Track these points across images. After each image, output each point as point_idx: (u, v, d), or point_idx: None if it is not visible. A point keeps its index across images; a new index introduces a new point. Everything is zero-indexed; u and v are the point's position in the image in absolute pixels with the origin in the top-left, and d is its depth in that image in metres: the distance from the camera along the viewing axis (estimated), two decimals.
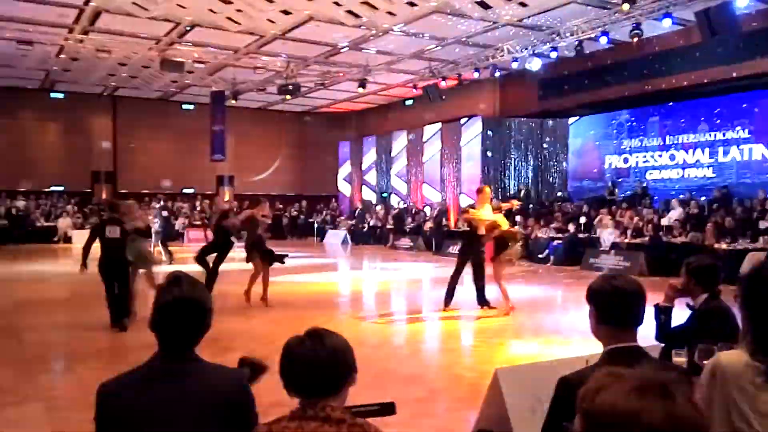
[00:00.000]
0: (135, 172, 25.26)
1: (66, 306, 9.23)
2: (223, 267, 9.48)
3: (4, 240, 20.93)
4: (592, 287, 2.15)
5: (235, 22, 15.12)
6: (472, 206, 9.16)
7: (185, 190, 26.19)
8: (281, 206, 25.65)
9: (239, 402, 1.85)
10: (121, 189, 24.50)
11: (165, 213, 18.90)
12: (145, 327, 1.90)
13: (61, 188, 24.46)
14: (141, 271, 8.40)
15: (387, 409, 1.98)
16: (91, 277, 8.04)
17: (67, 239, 21.86)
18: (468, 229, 8.74)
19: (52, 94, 24.04)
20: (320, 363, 1.72)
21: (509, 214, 10.18)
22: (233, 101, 22.28)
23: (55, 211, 23.28)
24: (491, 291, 8.69)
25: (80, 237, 21.60)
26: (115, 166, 25.34)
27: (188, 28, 15.78)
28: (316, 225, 25.71)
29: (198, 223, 23.10)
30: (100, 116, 25.06)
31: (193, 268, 8.55)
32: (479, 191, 8.99)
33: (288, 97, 19.86)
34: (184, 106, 26.02)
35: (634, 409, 0.95)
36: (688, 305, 3.56)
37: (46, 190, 24.21)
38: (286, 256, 9.55)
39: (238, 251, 9.97)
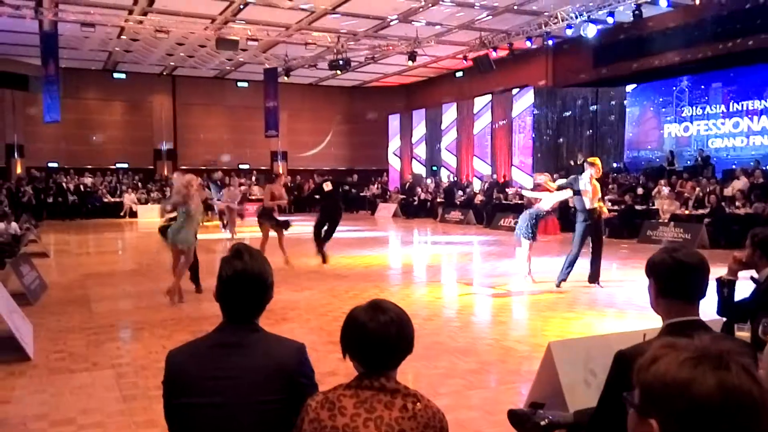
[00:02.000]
0: (194, 149, 26.04)
1: (132, 277, 9.64)
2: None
3: (73, 215, 22.03)
4: (653, 260, 2.07)
5: None
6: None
7: (241, 166, 26.79)
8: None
9: (299, 372, 1.92)
10: (181, 165, 25.28)
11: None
12: (204, 298, 1.98)
13: (125, 165, 25.44)
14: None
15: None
16: (155, 249, 8.38)
17: (132, 214, 22.81)
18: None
19: (115, 75, 24.88)
20: (391, 341, 1.76)
21: None
22: (285, 78, 22.50)
23: (120, 187, 24.25)
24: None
25: (144, 212, 22.57)
26: (175, 143, 26.13)
27: (242, 6, 15.97)
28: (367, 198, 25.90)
29: (253, 197, 23.30)
30: (160, 95, 25.82)
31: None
32: (593, 164, 8.36)
33: (339, 72, 19.89)
34: (239, 84, 26.49)
35: (686, 378, 0.92)
36: (752, 278, 3.44)
37: (111, 167, 25.23)
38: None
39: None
